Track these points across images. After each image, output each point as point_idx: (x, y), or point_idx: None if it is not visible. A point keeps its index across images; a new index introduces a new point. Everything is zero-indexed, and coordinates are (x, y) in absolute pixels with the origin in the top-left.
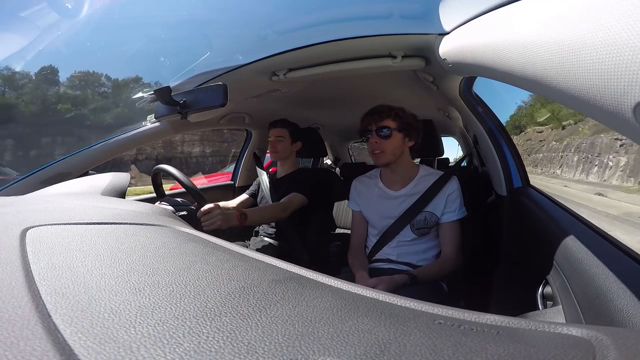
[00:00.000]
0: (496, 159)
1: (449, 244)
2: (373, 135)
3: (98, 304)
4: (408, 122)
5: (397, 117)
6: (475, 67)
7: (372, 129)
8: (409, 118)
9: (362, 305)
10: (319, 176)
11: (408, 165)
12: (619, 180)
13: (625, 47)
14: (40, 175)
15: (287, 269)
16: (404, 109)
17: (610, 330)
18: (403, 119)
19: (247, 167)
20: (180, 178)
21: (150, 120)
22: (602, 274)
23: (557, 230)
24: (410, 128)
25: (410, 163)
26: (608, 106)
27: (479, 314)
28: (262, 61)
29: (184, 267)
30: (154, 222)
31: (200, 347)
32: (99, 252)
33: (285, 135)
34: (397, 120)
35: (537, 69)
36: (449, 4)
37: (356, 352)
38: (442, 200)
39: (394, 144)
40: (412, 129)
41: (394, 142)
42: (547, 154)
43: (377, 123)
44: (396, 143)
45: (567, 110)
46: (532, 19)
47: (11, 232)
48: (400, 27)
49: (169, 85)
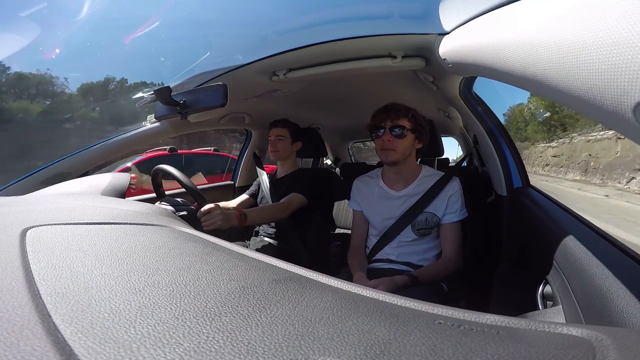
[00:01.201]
0: (496, 159)
1: (450, 245)
2: (386, 132)
3: (98, 304)
4: (421, 124)
5: (412, 118)
6: (475, 67)
7: (386, 126)
8: (422, 120)
9: (362, 305)
10: (319, 176)
11: (412, 166)
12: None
13: (625, 47)
14: (40, 175)
15: (287, 269)
16: (417, 111)
17: (610, 330)
18: (417, 120)
19: (247, 167)
20: (180, 178)
21: (150, 121)
22: (602, 274)
23: (557, 230)
24: (422, 130)
25: (414, 164)
26: (608, 106)
27: (479, 314)
28: (262, 61)
29: (184, 267)
30: (154, 222)
31: (200, 347)
32: (99, 252)
33: (286, 135)
34: (413, 121)
35: (537, 69)
36: (449, 4)
37: (356, 352)
38: (444, 201)
39: (405, 144)
40: (423, 132)
41: (406, 142)
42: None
43: (393, 121)
44: (408, 143)
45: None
46: (532, 19)
47: (11, 232)
48: (400, 27)
49: (169, 85)
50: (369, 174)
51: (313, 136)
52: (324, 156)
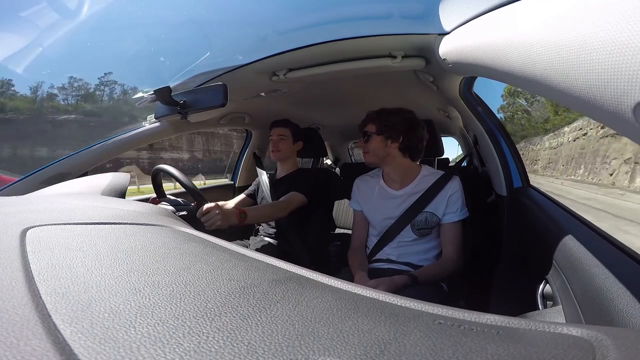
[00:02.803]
0: (496, 159)
1: (450, 245)
2: (360, 138)
3: (98, 304)
4: (388, 124)
5: (377, 120)
6: (475, 67)
7: (360, 132)
8: (390, 120)
9: (362, 305)
10: (319, 176)
11: (404, 165)
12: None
13: (625, 47)
14: (40, 175)
15: (287, 269)
16: (388, 112)
17: (610, 330)
18: (383, 122)
19: (247, 167)
20: (180, 178)
21: (150, 121)
22: (602, 274)
23: (557, 230)
24: (391, 130)
25: (406, 163)
26: (608, 106)
27: (479, 314)
28: (262, 61)
29: (184, 267)
30: (154, 222)
31: (200, 347)
32: (99, 252)
33: (288, 134)
34: (377, 124)
35: (537, 69)
36: (449, 4)
37: (356, 352)
38: (444, 201)
39: (373, 145)
40: (393, 131)
41: (373, 144)
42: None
43: (362, 128)
44: (375, 145)
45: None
46: (532, 19)
47: (11, 232)
48: (400, 27)
49: (169, 85)
50: (369, 173)
51: (313, 136)
52: (324, 156)
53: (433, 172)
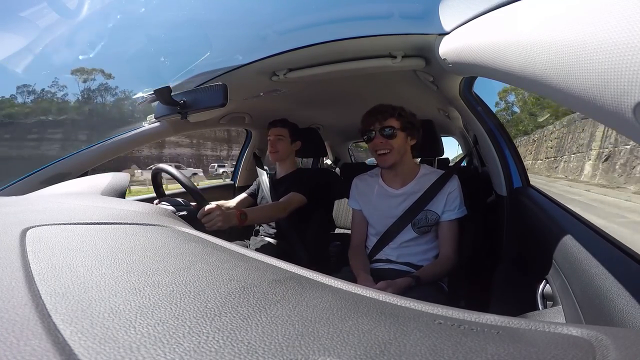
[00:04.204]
0: (496, 159)
1: (447, 244)
2: (377, 135)
3: (98, 304)
4: (410, 121)
5: (400, 116)
6: (475, 67)
7: (376, 128)
8: (410, 117)
9: (362, 305)
10: (319, 176)
11: (409, 164)
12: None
13: (625, 47)
14: (40, 175)
15: (287, 269)
16: (404, 108)
17: (610, 330)
18: (405, 118)
19: (247, 167)
20: (180, 178)
21: (150, 121)
22: (602, 274)
23: (557, 230)
24: (412, 127)
25: (411, 162)
26: (608, 106)
27: (479, 314)
28: (262, 61)
29: (184, 267)
30: (154, 222)
31: (200, 347)
32: (99, 252)
33: (285, 134)
34: (400, 120)
35: (537, 69)
36: (449, 4)
37: (356, 352)
38: (443, 199)
39: (398, 142)
40: (413, 128)
41: (398, 141)
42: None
43: (381, 123)
44: (400, 142)
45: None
46: (532, 19)
47: (11, 232)
48: (400, 27)
49: (169, 85)
50: (368, 173)
51: (313, 136)
52: (324, 156)
53: (432, 170)
